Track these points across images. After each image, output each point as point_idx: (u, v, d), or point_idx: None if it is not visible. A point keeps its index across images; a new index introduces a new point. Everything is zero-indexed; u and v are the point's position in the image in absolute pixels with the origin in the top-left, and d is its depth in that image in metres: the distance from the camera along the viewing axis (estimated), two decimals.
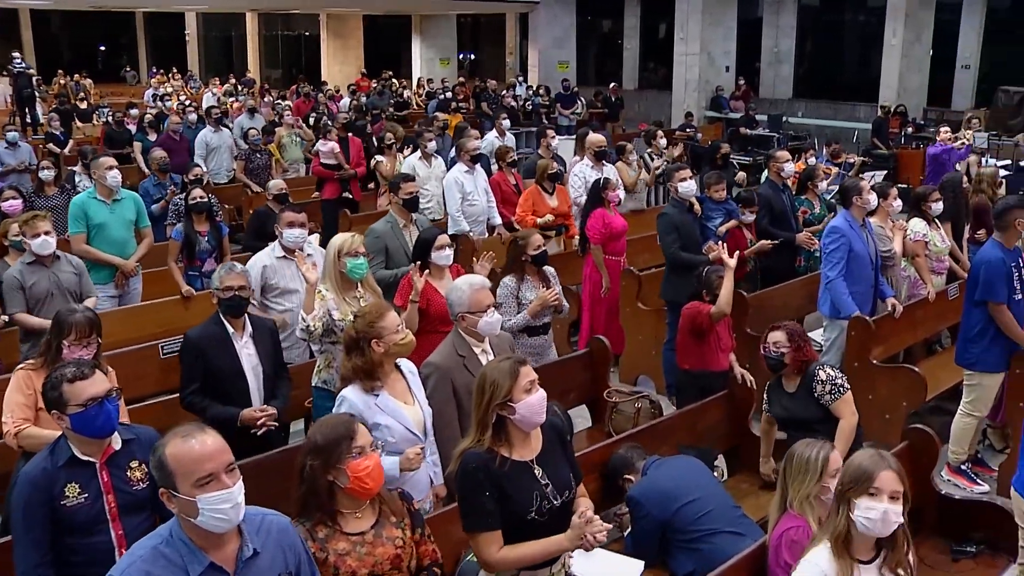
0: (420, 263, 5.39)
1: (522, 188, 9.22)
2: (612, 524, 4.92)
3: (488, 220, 9.02)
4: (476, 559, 3.41)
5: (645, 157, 10.91)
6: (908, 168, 15.61)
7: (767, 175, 8.71)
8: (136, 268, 7.38)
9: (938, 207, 7.47)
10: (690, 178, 7.30)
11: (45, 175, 9.58)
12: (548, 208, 8.61)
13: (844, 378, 4.87)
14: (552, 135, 10.62)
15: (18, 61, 20.89)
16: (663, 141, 11.68)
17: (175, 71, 28.75)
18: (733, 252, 6.04)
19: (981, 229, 7.62)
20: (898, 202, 7.33)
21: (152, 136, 13.86)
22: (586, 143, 9.48)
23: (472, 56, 32.74)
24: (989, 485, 6.11)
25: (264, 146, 12.38)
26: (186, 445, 2.55)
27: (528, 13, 26.60)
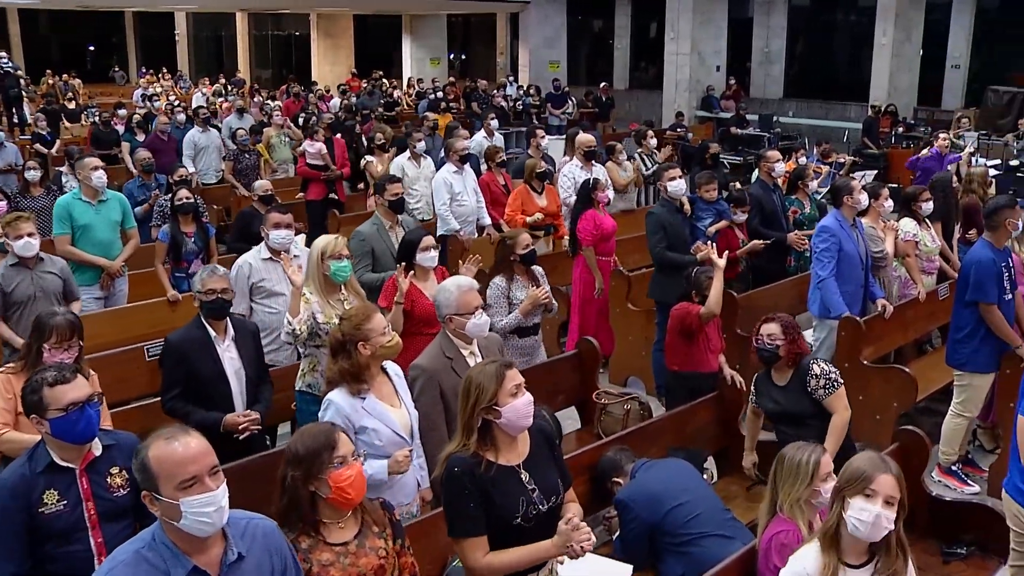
0: (405, 265, 5.36)
1: (511, 188, 9.18)
2: (601, 527, 4.89)
3: (478, 220, 8.98)
4: (461, 565, 3.37)
5: (643, 158, 10.89)
6: (898, 168, 15.60)
7: (757, 175, 8.68)
8: (122, 269, 7.32)
9: (928, 207, 7.45)
10: (680, 177, 7.27)
11: (31, 176, 9.50)
12: (537, 207, 8.58)
13: (837, 373, 4.83)
14: (542, 135, 10.59)
15: (4, 61, 20.78)
16: (653, 141, 11.65)
17: (165, 71, 28.65)
18: (724, 252, 6.01)
19: (972, 229, 7.60)
20: (889, 202, 7.30)
21: (140, 136, 13.77)
22: (575, 143, 9.45)
23: (463, 56, 32.69)
24: (980, 486, 6.10)
25: (252, 146, 12.31)
26: (169, 447, 2.51)
27: (519, 13, 26.56)
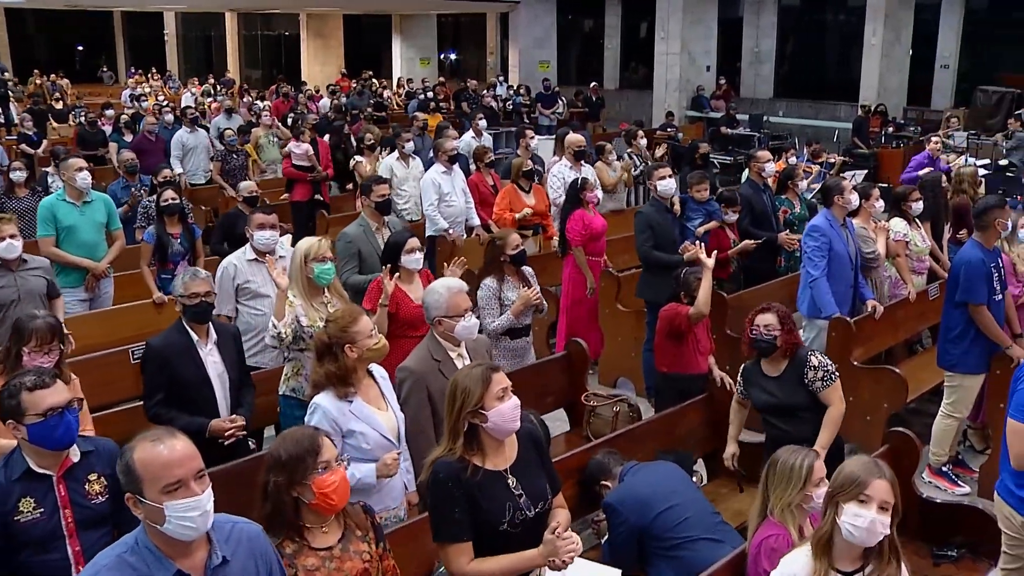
0: (390, 267, 5.32)
1: (500, 189, 9.13)
2: (589, 531, 4.86)
3: (467, 221, 8.93)
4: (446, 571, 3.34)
5: (625, 156, 10.85)
6: (888, 167, 15.62)
7: (747, 175, 8.66)
8: (107, 271, 7.25)
9: (918, 207, 7.43)
10: (669, 176, 7.24)
11: (16, 176, 9.40)
12: (525, 206, 8.52)
13: (834, 365, 4.81)
14: (531, 135, 10.55)
15: None
16: (643, 141, 11.63)
17: (154, 71, 28.53)
18: (716, 252, 5.99)
19: (963, 229, 7.60)
20: (880, 203, 7.27)
21: (128, 137, 13.69)
22: (565, 143, 9.41)
23: (453, 56, 32.63)
24: (970, 487, 6.09)
25: (240, 147, 12.24)
26: (155, 450, 2.47)
27: (509, 13, 26.51)
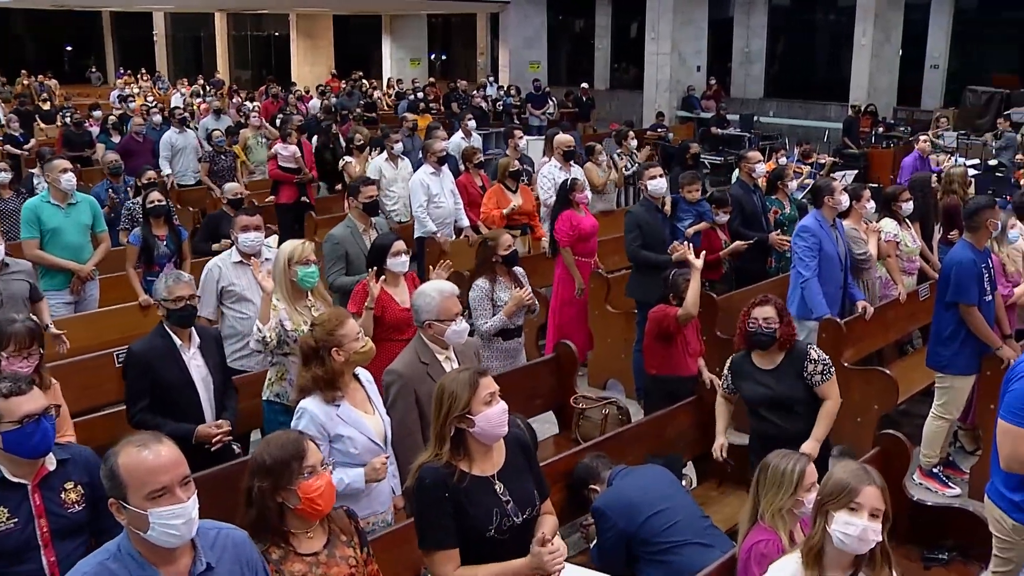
0: (376, 269, 5.27)
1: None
2: (578, 535, 4.83)
3: (456, 222, 8.89)
4: None
5: (613, 157, 10.81)
6: (879, 168, 15.65)
7: (738, 175, 8.63)
8: (93, 273, 7.18)
9: (908, 207, 7.42)
10: (660, 176, 7.22)
11: (1, 177, 9.33)
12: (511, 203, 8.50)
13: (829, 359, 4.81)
14: (520, 135, 10.53)
15: None
16: (634, 142, 11.60)
17: (143, 72, 28.41)
18: (708, 253, 5.96)
19: (954, 230, 7.57)
20: (871, 204, 7.24)
21: (116, 138, 13.60)
22: (554, 144, 9.38)
23: (443, 56, 32.59)
24: (960, 488, 6.07)
25: (228, 148, 12.17)
26: (140, 455, 2.44)
27: (499, 13, 26.48)
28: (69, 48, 36.09)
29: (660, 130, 16.67)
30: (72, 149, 13.38)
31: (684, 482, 4.99)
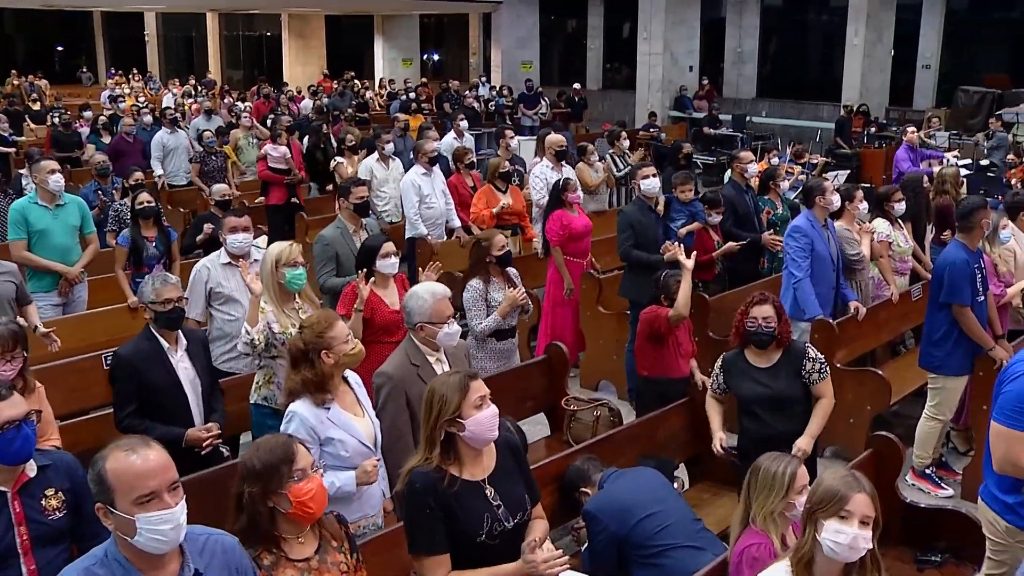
0: (365, 271, 5.23)
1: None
2: (569, 538, 4.80)
3: (447, 223, 8.86)
4: None
5: (615, 159, 10.80)
6: (871, 167, 15.65)
7: (730, 176, 8.62)
8: (81, 275, 7.12)
9: (901, 207, 7.39)
10: (653, 176, 7.20)
11: None
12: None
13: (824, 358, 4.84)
14: (511, 135, 10.50)
15: None
16: (626, 142, 11.57)
17: (135, 72, 28.31)
18: (701, 254, 5.93)
19: (946, 230, 7.57)
20: (864, 204, 7.22)
21: (106, 138, 13.53)
22: (546, 144, 9.35)
23: (435, 56, 32.56)
24: (953, 489, 6.05)
25: (219, 148, 12.13)
26: (128, 460, 2.41)
27: (491, 13, 26.45)
28: (60, 48, 35.96)
29: (652, 130, 16.67)
30: (61, 150, 13.32)
31: (676, 484, 4.97)
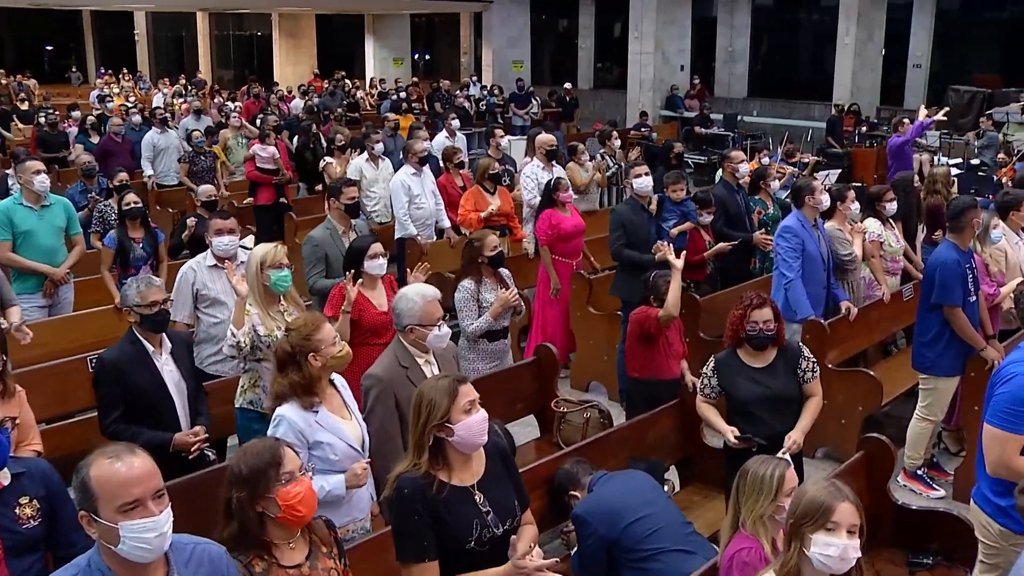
0: (353, 272, 5.19)
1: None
2: (558, 541, 4.76)
3: (437, 223, 8.81)
4: None
5: (598, 157, 10.76)
6: (862, 167, 15.65)
7: (721, 175, 8.59)
8: (67, 276, 7.06)
9: (892, 207, 7.37)
10: (646, 175, 7.17)
11: None
12: (490, 206, 8.39)
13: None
14: (501, 135, 10.46)
15: None
16: (617, 142, 11.54)
17: (125, 72, 28.19)
18: (692, 254, 5.90)
19: (938, 230, 7.55)
20: (856, 204, 7.18)
21: (95, 138, 13.45)
22: (536, 143, 9.31)
23: (427, 56, 32.50)
24: (945, 490, 6.04)
25: (208, 148, 12.06)
26: (112, 467, 2.37)
27: (482, 13, 26.42)
28: (49, 48, 35.79)
29: (643, 129, 16.63)
30: (47, 150, 13.24)
31: (666, 487, 4.93)
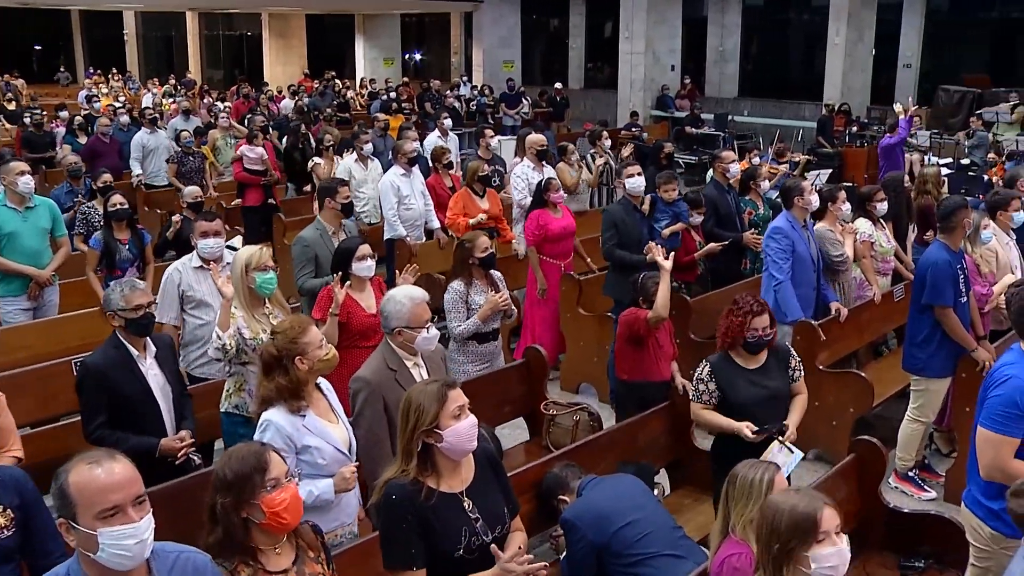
0: (341, 274, 5.14)
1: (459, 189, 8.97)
2: (547, 546, 4.72)
3: (426, 224, 8.76)
4: None
5: (588, 157, 10.71)
6: (853, 167, 15.66)
7: (712, 175, 8.56)
8: (52, 278, 7.00)
9: (883, 207, 7.35)
10: (639, 175, 7.14)
11: None
12: (479, 211, 8.28)
13: None
14: (490, 135, 10.42)
15: None
16: (608, 142, 11.51)
17: (114, 72, 28.06)
18: (683, 254, 5.86)
19: (928, 231, 7.53)
20: (847, 205, 7.14)
21: (83, 139, 13.36)
22: (526, 143, 9.27)
23: (417, 56, 32.44)
24: (936, 491, 6.02)
25: (197, 148, 11.99)
26: (91, 473, 2.32)
27: (473, 12, 26.38)
28: (38, 47, 35.61)
29: (634, 129, 16.59)
30: (33, 151, 13.15)
31: (656, 491, 4.89)
